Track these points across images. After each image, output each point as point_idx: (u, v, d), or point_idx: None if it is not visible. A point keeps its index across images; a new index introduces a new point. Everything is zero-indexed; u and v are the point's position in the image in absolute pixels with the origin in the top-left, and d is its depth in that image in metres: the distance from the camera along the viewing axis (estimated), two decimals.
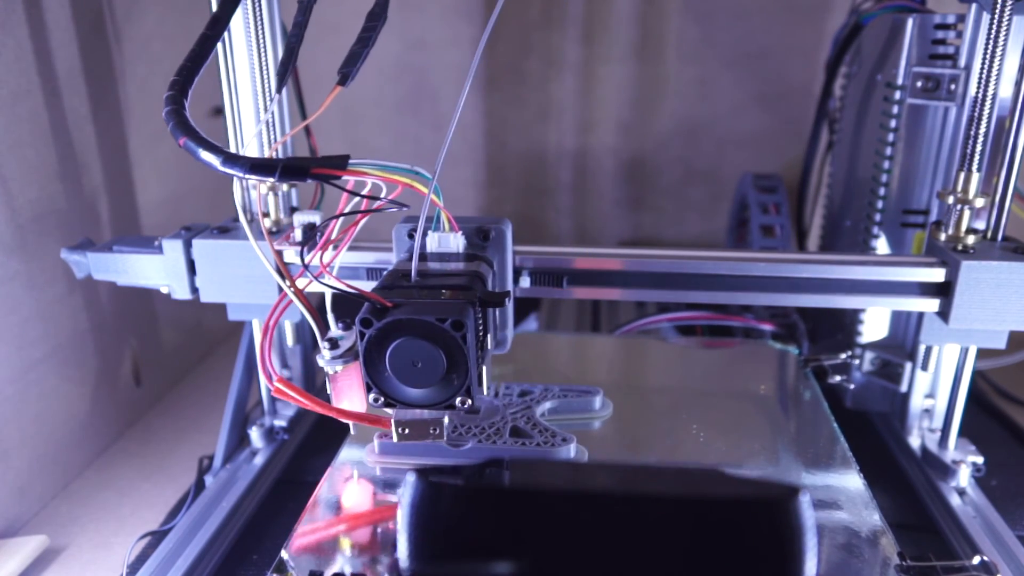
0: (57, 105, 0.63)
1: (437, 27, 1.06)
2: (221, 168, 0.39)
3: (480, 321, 0.41)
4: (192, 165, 0.87)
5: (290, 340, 0.67)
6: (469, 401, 0.42)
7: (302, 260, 0.44)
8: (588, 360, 0.66)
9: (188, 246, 0.57)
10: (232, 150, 0.60)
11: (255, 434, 0.65)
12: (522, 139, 1.12)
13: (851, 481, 0.48)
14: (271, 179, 0.39)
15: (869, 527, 0.44)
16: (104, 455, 0.70)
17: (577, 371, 0.63)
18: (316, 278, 0.44)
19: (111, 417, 0.72)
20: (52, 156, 0.63)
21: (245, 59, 0.58)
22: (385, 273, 0.46)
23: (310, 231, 0.58)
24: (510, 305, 0.52)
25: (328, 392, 0.46)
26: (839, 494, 0.47)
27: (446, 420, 0.45)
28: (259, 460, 0.64)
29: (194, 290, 0.58)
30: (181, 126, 0.40)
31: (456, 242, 0.46)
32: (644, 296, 0.56)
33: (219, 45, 0.56)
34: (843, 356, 0.63)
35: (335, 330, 0.46)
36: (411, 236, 0.49)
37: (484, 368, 0.43)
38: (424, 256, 0.46)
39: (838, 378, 0.62)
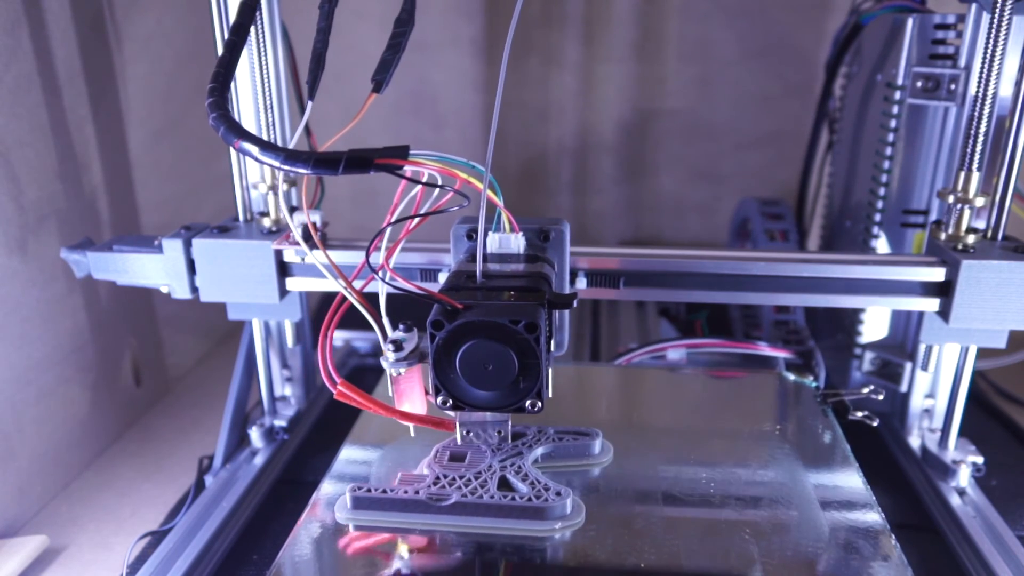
0: (57, 105, 0.63)
1: (437, 27, 1.06)
2: (283, 166, 0.38)
3: (547, 323, 0.41)
4: (192, 165, 0.87)
5: (290, 340, 0.67)
6: (540, 404, 0.41)
7: (367, 260, 0.43)
8: (587, 394, 0.60)
9: (188, 245, 0.57)
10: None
11: (255, 434, 0.65)
12: (522, 139, 1.12)
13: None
14: (334, 174, 0.38)
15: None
16: (104, 455, 0.70)
17: (575, 407, 0.58)
18: (382, 278, 0.43)
19: (111, 417, 0.72)
20: (52, 156, 0.63)
21: (245, 59, 0.58)
22: (449, 274, 0.45)
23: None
24: None
25: (389, 394, 0.45)
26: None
27: (510, 423, 0.45)
28: (259, 460, 0.64)
29: (194, 289, 0.58)
30: (233, 129, 0.40)
31: (517, 243, 0.46)
32: (699, 298, 0.56)
33: (219, 47, 0.57)
34: (865, 391, 0.57)
35: (395, 332, 0.45)
36: (470, 237, 0.48)
37: (549, 370, 0.42)
38: (483, 257, 0.45)
39: (860, 414, 0.57)
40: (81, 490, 0.65)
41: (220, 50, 0.57)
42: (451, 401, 0.42)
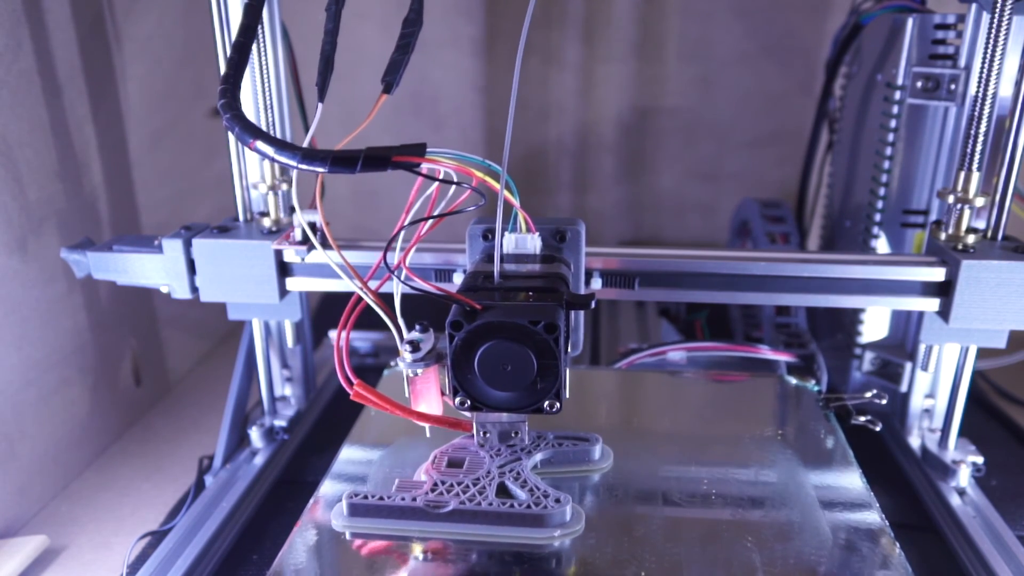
0: (57, 105, 0.63)
1: (437, 27, 1.06)
2: (300, 165, 0.38)
3: (566, 324, 0.41)
4: (191, 165, 0.87)
5: (290, 340, 0.67)
6: (558, 404, 0.41)
7: (384, 261, 0.43)
8: (586, 398, 0.59)
9: (188, 245, 0.57)
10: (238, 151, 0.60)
11: (255, 434, 0.65)
12: (522, 139, 1.12)
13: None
14: (351, 172, 0.38)
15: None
16: (104, 455, 0.70)
17: (574, 412, 0.56)
18: (399, 278, 0.43)
19: (111, 417, 0.72)
20: (52, 156, 0.63)
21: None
22: (466, 274, 0.45)
23: (312, 231, 0.58)
24: None
25: (406, 395, 0.45)
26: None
27: (526, 424, 0.45)
28: (259, 460, 0.64)
29: (194, 289, 0.58)
30: (249, 129, 0.40)
31: (533, 243, 0.46)
32: (715, 298, 0.56)
33: (219, 47, 0.57)
34: (868, 395, 0.56)
35: (411, 332, 0.45)
36: (486, 237, 0.48)
37: (567, 371, 0.42)
38: (500, 257, 0.45)
39: (862, 419, 0.55)
40: (81, 490, 0.65)
41: (220, 51, 0.57)
42: (469, 402, 0.42)
